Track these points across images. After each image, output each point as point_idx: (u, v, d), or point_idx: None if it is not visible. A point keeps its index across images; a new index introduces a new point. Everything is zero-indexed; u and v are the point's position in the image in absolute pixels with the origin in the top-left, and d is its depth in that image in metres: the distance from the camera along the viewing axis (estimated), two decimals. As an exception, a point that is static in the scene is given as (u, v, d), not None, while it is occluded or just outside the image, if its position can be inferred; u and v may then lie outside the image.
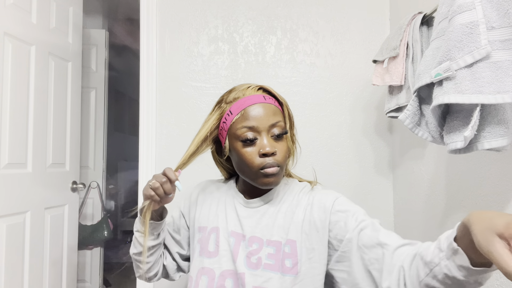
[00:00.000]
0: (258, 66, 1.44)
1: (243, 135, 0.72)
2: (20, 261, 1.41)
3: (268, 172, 0.71)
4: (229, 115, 0.74)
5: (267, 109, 0.73)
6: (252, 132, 0.72)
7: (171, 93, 1.43)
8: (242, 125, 0.72)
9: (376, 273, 0.63)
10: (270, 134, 0.73)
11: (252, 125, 0.72)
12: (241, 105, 0.73)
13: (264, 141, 0.72)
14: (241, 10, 1.45)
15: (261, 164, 0.71)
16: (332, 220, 0.72)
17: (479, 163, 0.85)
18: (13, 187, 1.39)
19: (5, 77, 1.34)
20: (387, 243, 0.63)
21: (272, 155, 0.71)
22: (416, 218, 1.20)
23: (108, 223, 2.29)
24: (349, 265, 0.68)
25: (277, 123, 0.73)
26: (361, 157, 1.42)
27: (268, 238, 0.74)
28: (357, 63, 1.44)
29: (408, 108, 0.80)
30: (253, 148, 0.72)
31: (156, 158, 1.40)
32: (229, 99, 0.76)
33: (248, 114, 0.72)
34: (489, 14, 0.62)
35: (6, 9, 1.35)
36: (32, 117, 1.49)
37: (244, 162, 0.72)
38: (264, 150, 0.70)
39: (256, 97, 0.74)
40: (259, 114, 0.72)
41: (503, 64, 0.61)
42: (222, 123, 0.76)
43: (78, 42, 1.86)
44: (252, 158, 0.71)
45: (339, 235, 0.70)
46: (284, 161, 0.74)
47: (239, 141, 0.73)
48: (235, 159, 0.76)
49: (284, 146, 0.74)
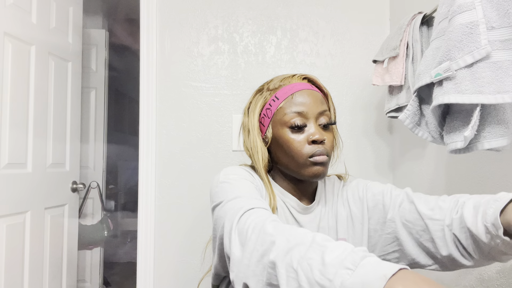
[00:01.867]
0: (258, 66, 1.44)
1: (291, 121, 0.68)
2: (20, 261, 1.41)
3: (318, 160, 0.67)
4: (275, 100, 0.71)
5: (315, 97, 0.70)
6: (301, 118, 0.69)
7: (171, 93, 1.43)
8: (290, 110, 0.69)
9: (430, 244, 0.63)
10: (318, 122, 0.70)
11: (302, 110, 0.69)
12: (289, 91, 0.70)
13: (313, 128, 0.69)
14: (241, 10, 1.45)
15: (310, 152, 0.68)
16: (370, 206, 0.72)
17: (479, 163, 0.85)
18: (13, 187, 1.39)
19: (5, 77, 1.34)
20: (424, 212, 0.63)
21: (321, 143, 0.68)
22: (416, 218, 1.20)
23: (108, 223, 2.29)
24: (399, 244, 0.67)
25: (324, 112, 0.71)
26: (361, 157, 1.42)
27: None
28: (357, 63, 1.44)
29: (408, 108, 0.80)
30: (301, 135, 0.69)
31: (156, 158, 1.40)
32: (272, 86, 0.73)
33: (296, 99, 0.69)
34: (489, 14, 0.62)
35: (6, 9, 1.35)
36: (32, 117, 1.49)
37: (292, 150, 0.68)
38: (314, 137, 0.67)
39: (303, 84, 0.71)
40: (308, 100, 0.69)
41: (503, 64, 0.61)
42: (266, 110, 0.72)
43: (78, 42, 1.86)
44: (300, 145, 0.68)
45: (381, 218, 0.70)
46: (332, 151, 0.71)
47: (286, 127, 0.69)
48: (280, 148, 0.71)
49: (332, 136, 0.71)
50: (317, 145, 0.68)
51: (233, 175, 0.68)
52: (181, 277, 1.37)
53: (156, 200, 1.38)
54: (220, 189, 0.65)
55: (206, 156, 1.40)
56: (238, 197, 0.60)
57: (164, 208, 1.38)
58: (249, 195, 0.60)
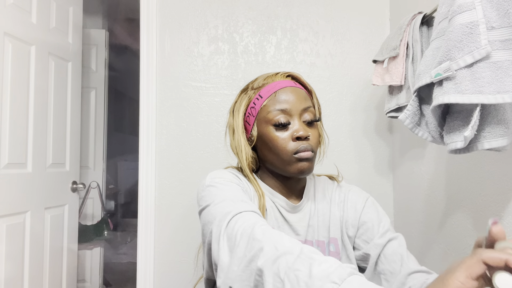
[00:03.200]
0: (258, 66, 1.44)
1: (275, 119, 0.69)
2: (20, 261, 1.41)
3: (303, 156, 0.67)
4: (259, 99, 0.71)
5: (299, 94, 0.71)
6: (284, 115, 0.69)
7: (171, 93, 1.43)
8: (274, 108, 0.69)
9: (386, 283, 0.66)
10: (302, 119, 0.70)
11: (285, 107, 0.69)
12: (272, 88, 0.71)
13: (297, 125, 0.69)
14: (241, 10, 1.45)
15: (295, 149, 0.68)
16: (362, 219, 0.73)
17: (479, 163, 0.85)
18: (13, 187, 1.39)
19: (5, 77, 1.34)
20: (408, 263, 0.65)
21: (306, 139, 0.69)
22: (416, 218, 1.20)
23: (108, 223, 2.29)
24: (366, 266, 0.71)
25: (308, 108, 0.71)
26: (361, 157, 1.42)
27: (316, 239, 0.74)
28: (357, 63, 1.44)
29: (408, 108, 0.80)
30: (286, 132, 0.69)
31: (156, 158, 1.40)
32: (256, 85, 0.74)
33: (280, 97, 0.70)
34: (489, 14, 0.62)
35: (6, 9, 1.35)
36: (32, 117, 1.49)
37: (277, 148, 0.69)
38: (298, 134, 0.68)
39: (287, 82, 0.72)
40: (291, 98, 0.70)
41: (503, 64, 0.61)
42: (250, 109, 0.73)
43: (78, 42, 1.86)
44: (285, 142, 0.68)
45: (366, 236, 0.72)
46: (317, 147, 0.71)
47: (271, 125, 0.70)
48: (265, 146, 0.71)
49: (316, 133, 0.72)
50: (301, 141, 0.68)
51: (219, 179, 0.67)
52: (181, 277, 1.37)
53: (156, 200, 1.38)
54: (206, 193, 0.64)
55: (206, 156, 1.40)
56: (225, 201, 0.59)
57: (164, 208, 1.38)
58: (236, 198, 0.60)
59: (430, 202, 1.10)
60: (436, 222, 1.06)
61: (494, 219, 0.41)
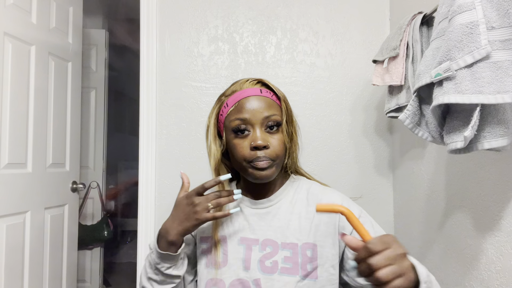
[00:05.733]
0: (258, 66, 1.44)
1: (235, 126, 0.71)
2: (20, 261, 1.41)
3: (258, 165, 0.69)
4: (225, 107, 0.74)
5: (262, 102, 0.72)
6: (244, 124, 0.71)
7: (171, 93, 1.43)
8: (235, 117, 0.72)
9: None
10: (264, 127, 0.72)
11: (245, 117, 0.71)
12: (237, 98, 0.73)
13: (257, 133, 0.70)
14: (241, 10, 1.45)
15: (251, 157, 0.69)
16: (340, 225, 0.73)
17: (479, 163, 0.85)
18: (13, 187, 1.39)
19: (5, 77, 1.34)
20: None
21: (264, 149, 0.70)
22: (416, 218, 1.20)
23: (108, 223, 2.29)
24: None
25: (271, 116, 0.72)
26: (361, 157, 1.42)
27: (283, 241, 0.72)
28: (357, 63, 1.44)
29: (408, 108, 0.80)
30: (245, 140, 0.71)
31: (156, 158, 1.40)
32: (228, 92, 0.76)
33: (241, 106, 0.72)
34: (489, 14, 0.62)
35: (6, 9, 1.35)
36: (32, 117, 1.49)
37: (236, 155, 0.71)
38: (255, 143, 0.69)
39: (253, 90, 0.73)
40: (253, 107, 0.71)
41: (503, 64, 0.61)
42: (220, 116, 0.76)
43: (78, 42, 1.86)
44: (242, 150, 0.70)
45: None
46: (278, 155, 0.71)
47: (232, 133, 0.72)
48: (230, 152, 0.75)
49: (279, 140, 0.72)
50: (259, 150, 0.69)
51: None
52: (181, 277, 1.37)
53: (156, 200, 1.38)
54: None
55: (206, 156, 1.40)
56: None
57: (164, 208, 1.38)
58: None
59: (430, 202, 1.10)
60: (436, 222, 1.06)
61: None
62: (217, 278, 0.73)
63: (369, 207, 1.40)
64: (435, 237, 1.06)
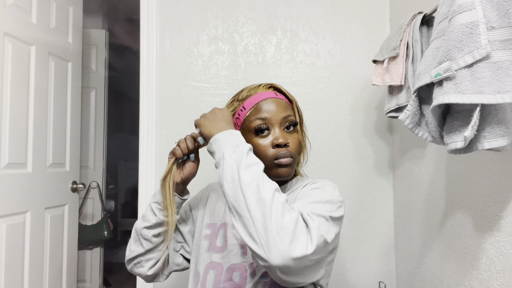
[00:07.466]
0: (258, 66, 1.44)
1: (256, 126, 0.75)
2: (20, 261, 1.41)
3: (282, 162, 0.74)
4: (242, 110, 0.78)
5: (279, 104, 0.77)
6: (265, 124, 0.75)
7: (171, 93, 1.43)
8: (255, 117, 0.76)
9: None
10: (283, 127, 0.77)
11: (265, 116, 0.75)
12: (254, 100, 0.77)
13: (277, 132, 0.75)
14: (241, 10, 1.45)
15: (275, 155, 0.74)
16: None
17: (479, 163, 0.85)
18: (13, 187, 1.39)
19: (5, 77, 1.34)
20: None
21: (285, 146, 0.74)
22: (416, 218, 1.20)
23: (108, 223, 2.29)
24: None
25: (288, 117, 0.77)
26: (361, 157, 1.42)
27: None
28: (357, 63, 1.44)
29: (408, 108, 0.80)
30: (266, 139, 0.75)
31: (156, 158, 1.40)
32: (241, 97, 0.81)
33: (261, 108, 0.76)
34: (489, 14, 0.62)
35: (6, 9, 1.35)
36: (32, 117, 1.49)
37: (258, 154, 0.74)
38: (277, 141, 0.74)
39: (268, 93, 0.78)
40: (272, 108, 0.76)
41: (503, 64, 0.61)
42: (235, 119, 0.80)
43: (78, 42, 1.86)
44: (266, 149, 0.75)
45: None
46: (296, 152, 0.77)
47: (253, 133, 0.76)
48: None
49: (296, 139, 0.78)
50: (281, 148, 0.74)
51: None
52: (181, 277, 1.37)
53: (156, 200, 1.38)
54: None
55: (205, 156, 1.40)
56: None
57: (164, 208, 1.38)
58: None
59: (430, 202, 1.10)
60: (436, 222, 1.06)
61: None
62: (216, 261, 0.77)
63: (369, 207, 1.41)
64: (435, 237, 1.06)
